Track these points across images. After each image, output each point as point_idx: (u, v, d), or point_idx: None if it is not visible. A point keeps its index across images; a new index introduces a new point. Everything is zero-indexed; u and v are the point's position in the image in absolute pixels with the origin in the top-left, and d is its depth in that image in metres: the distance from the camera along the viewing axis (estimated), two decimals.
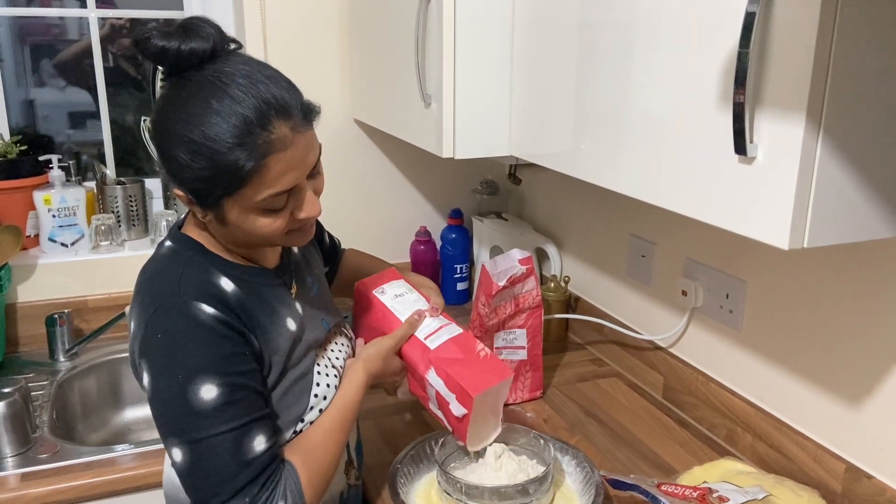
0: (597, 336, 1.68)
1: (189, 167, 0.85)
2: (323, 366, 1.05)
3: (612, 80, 1.00)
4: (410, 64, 1.35)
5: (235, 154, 0.83)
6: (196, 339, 0.88)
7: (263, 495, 0.89)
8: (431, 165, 1.99)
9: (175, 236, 0.99)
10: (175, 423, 0.88)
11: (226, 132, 0.83)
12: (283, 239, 0.95)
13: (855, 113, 0.72)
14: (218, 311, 0.90)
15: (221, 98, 0.84)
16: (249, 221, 0.90)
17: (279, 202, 0.90)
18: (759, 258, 1.24)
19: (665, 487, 1.06)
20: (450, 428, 1.12)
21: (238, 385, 0.89)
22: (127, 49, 1.91)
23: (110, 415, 1.71)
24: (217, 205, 0.89)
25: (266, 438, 0.90)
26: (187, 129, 0.84)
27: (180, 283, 0.91)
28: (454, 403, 1.07)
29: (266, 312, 0.98)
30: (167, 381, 0.87)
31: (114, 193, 1.84)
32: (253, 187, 0.86)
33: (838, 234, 0.76)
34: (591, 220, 1.71)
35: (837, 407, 1.11)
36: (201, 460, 0.87)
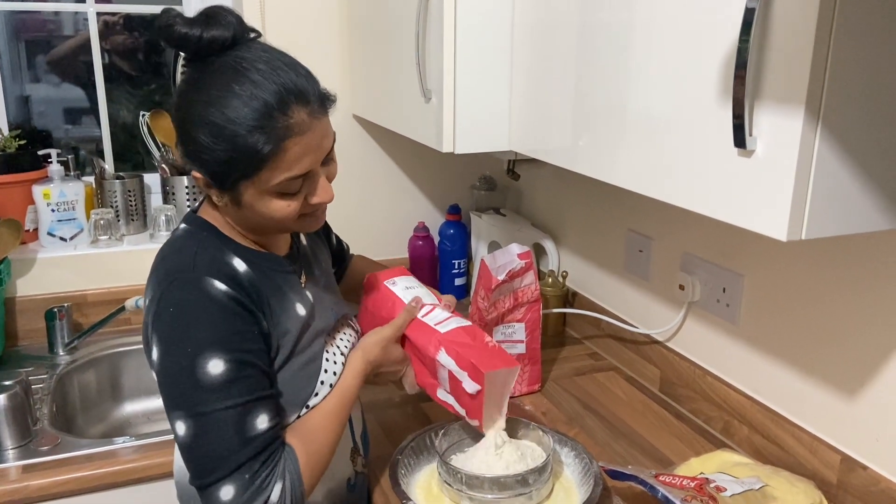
0: (594, 330, 1.70)
1: (209, 149, 0.88)
2: (331, 353, 1.07)
3: (611, 74, 1.01)
4: (411, 59, 1.35)
5: (255, 137, 0.86)
6: (207, 314, 0.90)
7: (263, 473, 0.90)
8: (430, 161, 2.00)
9: (191, 219, 1.01)
10: (181, 395, 0.89)
11: (246, 115, 0.86)
12: (295, 223, 0.96)
13: (853, 106, 0.73)
14: (230, 289, 0.92)
15: (243, 83, 0.86)
16: (265, 204, 0.92)
17: (294, 186, 0.92)
18: (755, 252, 1.25)
19: (663, 478, 1.07)
20: (462, 411, 1.12)
21: (245, 362, 0.91)
22: (120, 45, 1.92)
23: (110, 408, 1.72)
24: (234, 187, 0.91)
25: (269, 418, 0.92)
26: (209, 112, 0.87)
27: (195, 261, 0.93)
28: (467, 381, 1.08)
29: (276, 295, 0.99)
30: (176, 354, 0.89)
31: (113, 188, 1.84)
32: (270, 170, 0.89)
33: (836, 225, 0.77)
34: (589, 216, 1.72)
35: (833, 399, 1.13)
36: (204, 434, 0.89)
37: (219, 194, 0.94)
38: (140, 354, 1.73)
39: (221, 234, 0.99)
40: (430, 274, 2.00)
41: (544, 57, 1.18)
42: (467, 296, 1.99)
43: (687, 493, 1.03)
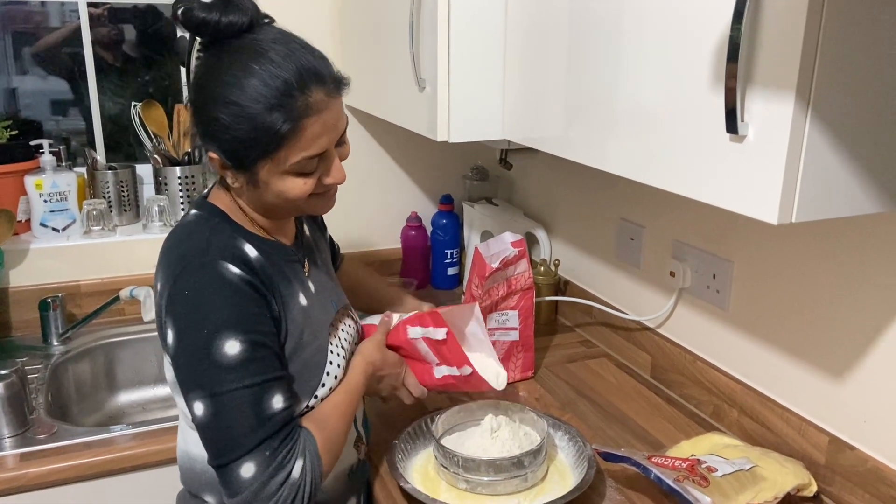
0: (586, 318, 1.72)
1: (229, 128, 0.90)
2: (335, 345, 1.09)
3: (603, 62, 1.02)
4: (404, 48, 1.36)
5: (275, 115, 0.89)
6: (222, 296, 0.91)
7: (283, 450, 0.91)
8: (422, 152, 2.01)
9: (201, 205, 1.02)
10: (199, 376, 0.91)
11: (267, 94, 0.89)
12: (307, 204, 0.98)
13: (842, 91, 0.75)
14: (243, 272, 0.93)
15: (262, 63, 0.89)
16: (281, 183, 0.95)
17: (311, 166, 0.95)
18: (744, 239, 1.27)
19: (655, 459, 1.10)
20: (459, 371, 1.16)
21: (259, 343, 0.92)
22: (105, 36, 1.91)
23: (104, 398, 1.72)
24: (252, 167, 0.93)
25: (283, 398, 0.93)
26: (229, 92, 0.89)
27: (208, 245, 0.95)
28: (435, 333, 1.14)
29: (284, 282, 1.01)
30: (192, 335, 0.91)
31: (105, 179, 1.84)
32: (288, 149, 0.92)
33: (825, 209, 0.79)
34: (581, 205, 1.74)
35: (821, 381, 1.15)
36: (223, 414, 0.90)
37: (235, 175, 0.96)
38: (134, 344, 1.75)
39: (232, 220, 1.00)
40: (422, 264, 2.01)
41: (537, 45, 1.19)
42: (460, 285, 2.01)
43: (679, 473, 1.05)
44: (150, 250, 1.81)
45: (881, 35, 0.75)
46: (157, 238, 1.81)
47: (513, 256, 1.40)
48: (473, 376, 1.16)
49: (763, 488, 1.06)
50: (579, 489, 1.07)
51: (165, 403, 1.77)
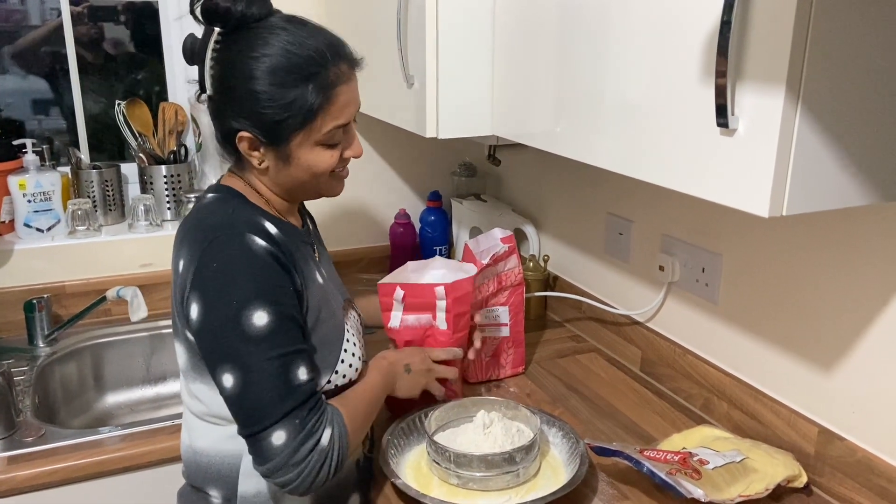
0: (575, 313, 1.72)
1: (268, 102, 0.95)
2: (349, 324, 1.12)
3: (593, 56, 1.02)
4: (392, 45, 1.36)
5: (311, 85, 0.95)
6: (250, 268, 0.94)
7: (312, 419, 0.94)
8: (410, 148, 2.01)
9: (217, 188, 1.06)
10: (227, 348, 0.93)
11: (301, 65, 0.95)
12: (327, 183, 1.05)
13: (832, 84, 0.75)
14: (269, 245, 0.96)
15: (291, 39, 0.96)
16: (313, 156, 1.00)
17: (338, 136, 1.01)
18: (733, 232, 1.28)
19: (647, 453, 1.10)
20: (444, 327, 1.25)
21: (286, 315, 0.95)
22: (85, 35, 1.89)
23: (92, 400, 1.70)
24: (287, 140, 0.98)
25: (308, 370, 0.96)
26: (265, 67, 0.94)
27: (233, 219, 0.98)
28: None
29: (302, 260, 1.05)
30: (221, 307, 0.93)
31: (89, 178, 1.82)
32: (323, 118, 0.98)
33: (815, 202, 0.79)
34: (570, 200, 1.74)
35: (810, 373, 1.16)
36: (253, 384, 0.92)
37: (264, 154, 1.00)
38: (122, 344, 1.73)
39: (249, 201, 1.04)
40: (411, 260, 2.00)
41: (525, 40, 1.19)
42: None
43: (671, 466, 1.06)
44: (137, 250, 1.80)
45: (870, 28, 0.75)
46: (144, 237, 1.80)
47: (503, 252, 1.40)
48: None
49: (754, 480, 1.07)
50: (571, 484, 1.07)
51: (154, 404, 1.76)
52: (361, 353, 1.12)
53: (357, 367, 1.10)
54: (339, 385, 1.06)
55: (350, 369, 1.08)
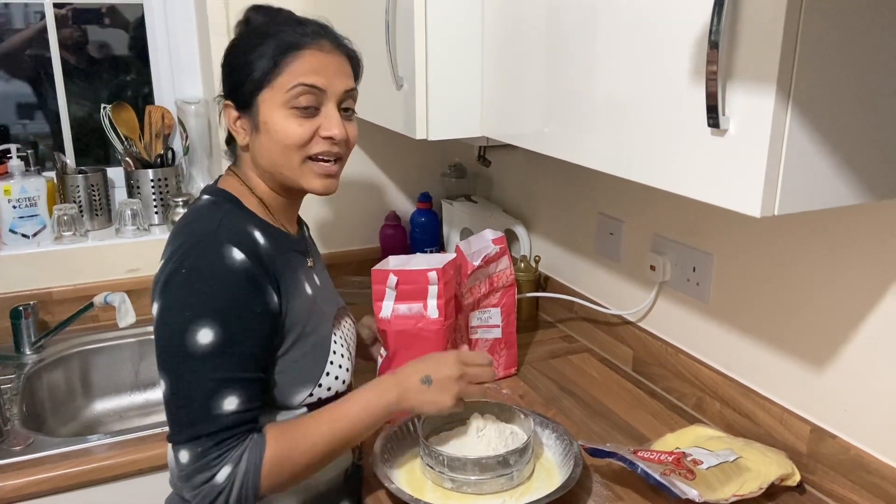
0: (567, 313, 1.72)
1: (234, 60, 1.00)
2: (339, 337, 1.10)
3: (583, 57, 1.02)
4: (380, 46, 1.35)
5: (276, 40, 0.98)
6: (216, 283, 0.92)
7: (214, 453, 0.91)
8: (399, 150, 2.00)
9: (212, 190, 1.05)
10: (167, 355, 0.93)
11: (268, 25, 1.00)
12: (301, 168, 1.01)
13: (822, 83, 0.75)
14: (248, 259, 0.94)
15: (271, 16, 1.04)
16: (281, 121, 0.98)
17: (307, 101, 0.98)
18: (724, 231, 1.28)
19: (641, 454, 1.10)
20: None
21: (235, 339, 0.92)
22: (68, 38, 1.87)
23: (80, 407, 1.69)
24: (253, 100, 0.99)
25: (239, 402, 0.92)
26: (240, 35, 1.03)
27: (219, 226, 0.96)
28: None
29: (289, 272, 1.03)
30: (173, 314, 0.92)
31: (75, 183, 1.81)
32: (286, 74, 0.97)
33: (807, 201, 0.79)
34: (560, 201, 1.74)
35: (802, 371, 1.16)
36: (176, 398, 0.93)
37: (243, 124, 1.01)
38: (110, 351, 1.72)
39: (243, 206, 1.03)
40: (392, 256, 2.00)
41: (514, 40, 1.19)
42: None
43: (665, 467, 1.06)
44: (124, 255, 1.78)
45: (861, 27, 0.75)
46: (131, 242, 1.78)
47: (494, 254, 1.40)
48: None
49: (748, 479, 1.07)
50: (565, 487, 1.06)
51: (143, 411, 1.74)
52: (350, 366, 1.10)
53: (345, 380, 1.08)
54: (322, 398, 1.04)
55: (337, 382, 1.06)
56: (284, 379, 1.01)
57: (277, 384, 1.01)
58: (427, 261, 1.29)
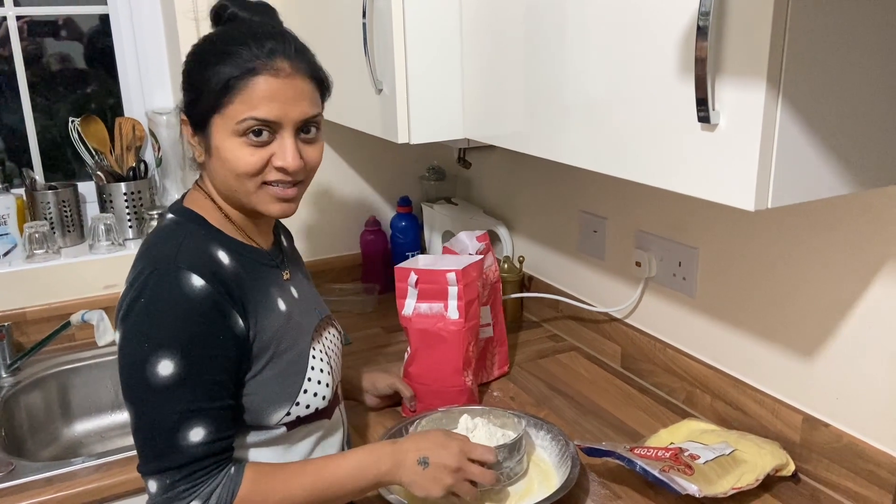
0: (553, 313, 1.72)
1: (188, 76, 0.96)
2: (318, 351, 1.06)
3: (567, 55, 1.01)
4: (358, 51, 1.33)
5: (229, 64, 0.91)
6: (174, 313, 0.90)
7: (183, 485, 0.90)
8: (377, 155, 1.98)
9: (177, 209, 1.01)
10: (130, 386, 0.91)
11: (223, 44, 0.93)
12: (256, 193, 0.96)
13: (811, 76, 0.75)
14: (208, 285, 0.91)
15: (235, 27, 0.97)
16: (231, 149, 0.93)
17: (259, 134, 0.93)
18: (708, 225, 1.29)
19: (638, 451, 1.10)
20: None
21: (198, 370, 0.90)
22: (23, 51, 1.82)
23: (60, 429, 1.64)
24: (206, 124, 0.94)
25: (206, 433, 0.90)
26: (203, 45, 0.96)
27: (178, 251, 0.93)
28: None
29: (258, 290, 0.99)
30: (133, 345, 0.90)
31: (45, 199, 1.76)
32: (238, 103, 0.91)
33: (799, 193, 0.79)
34: (542, 200, 1.74)
35: (791, 361, 1.17)
36: (142, 429, 0.91)
37: (199, 142, 0.97)
38: (89, 370, 1.68)
39: (209, 224, 0.99)
40: (383, 268, 1.98)
41: (494, 40, 1.18)
42: None
43: (664, 463, 1.06)
44: (99, 271, 1.74)
45: (848, 18, 0.76)
46: (106, 258, 1.74)
47: (481, 251, 1.41)
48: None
49: (745, 471, 1.07)
50: (565, 488, 1.06)
51: (124, 430, 1.70)
52: (331, 381, 1.06)
53: (325, 395, 1.04)
54: (301, 416, 1.02)
55: (316, 399, 1.03)
56: (257, 400, 0.98)
57: (251, 405, 0.98)
58: (453, 262, 1.31)
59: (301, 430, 1.04)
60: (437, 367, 1.30)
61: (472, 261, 1.32)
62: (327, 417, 1.08)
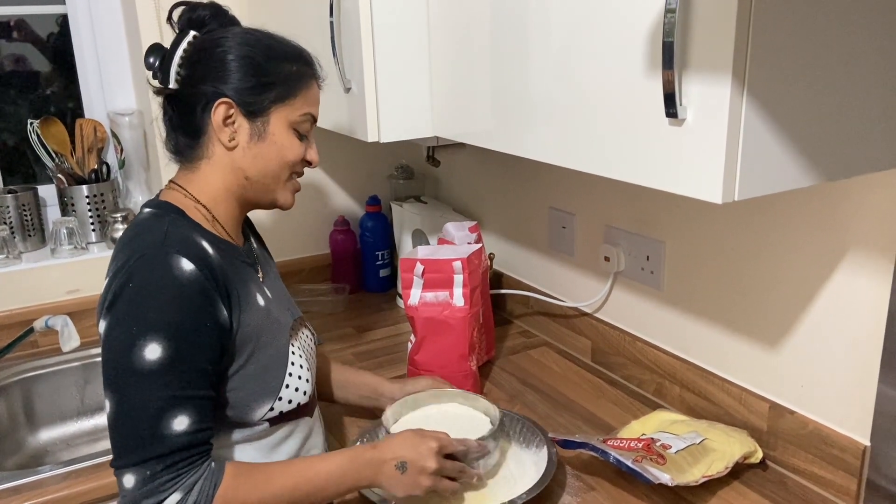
0: (524, 309, 1.73)
1: (259, 68, 0.99)
2: (296, 346, 1.07)
3: (534, 51, 1.02)
4: (326, 50, 1.33)
5: (296, 66, 1.03)
6: (164, 297, 0.89)
7: (164, 476, 0.87)
8: (344, 154, 1.98)
9: (155, 203, 1.01)
10: (113, 373, 0.89)
11: (288, 51, 1.03)
12: (285, 186, 1.06)
13: (775, 70, 0.77)
14: (197, 269, 0.91)
15: (275, 35, 1.04)
16: (285, 136, 1.02)
17: (306, 128, 1.05)
18: (674, 219, 1.31)
19: (612, 442, 1.12)
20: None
21: (185, 357, 0.89)
22: None
23: (24, 437, 1.61)
24: (266, 111, 1.00)
25: (190, 422, 0.89)
26: (256, 42, 1.00)
27: (166, 236, 0.93)
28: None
29: (240, 283, 1.00)
30: (121, 330, 0.88)
31: (4, 203, 1.72)
32: (301, 99, 1.03)
33: (765, 185, 0.81)
34: (511, 197, 1.75)
35: (757, 351, 1.20)
36: (122, 418, 0.88)
37: (238, 127, 0.99)
38: (53, 377, 1.64)
39: (188, 217, 0.99)
40: (353, 268, 1.98)
41: (461, 38, 1.18)
42: (392, 287, 1.98)
43: (636, 453, 1.07)
44: (62, 276, 1.70)
45: (811, 15, 0.78)
46: (68, 262, 1.71)
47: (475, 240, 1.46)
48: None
49: (715, 460, 1.10)
50: (542, 482, 1.07)
51: (91, 437, 1.67)
52: (310, 376, 1.08)
53: (305, 391, 1.05)
54: (284, 412, 1.02)
55: (297, 393, 1.04)
56: (241, 395, 0.98)
57: (234, 401, 0.98)
58: (455, 251, 1.36)
59: (283, 429, 1.04)
60: (444, 354, 1.34)
61: (474, 249, 1.37)
62: (308, 415, 1.09)
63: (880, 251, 1.00)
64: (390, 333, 1.73)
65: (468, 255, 1.34)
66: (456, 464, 1.03)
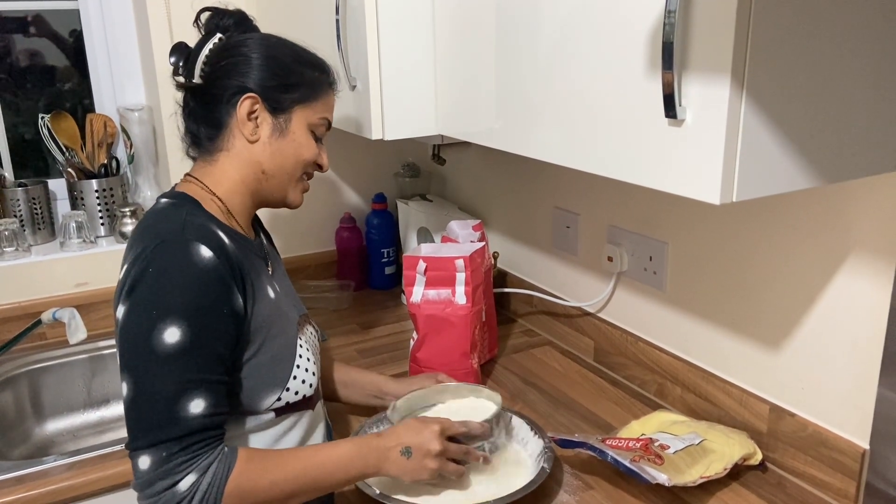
0: (527, 308, 1.73)
1: (286, 68, 1.04)
2: (303, 339, 1.09)
3: (535, 52, 1.02)
4: (332, 48, 1.33)
5: (319, 71, 1.08)
6: (184, 282, 0.91)
7: (180, 458, 0.89)
8: (352, 152, 1.99)
9: (172, 194, 1.04)
10: (132, 356, 0.90)
11: (314, 59, 1.09)
12: (297, 185, 1.10)
13: (775, 72, 0.77)
14: (215, 257, 0.93)
15: (297, 44, 1.10)
16: (304, 136, 1.07)
17: (322, 132, 1.10)
18: (678, 220, 1.31)
19: (610, 442, 1.12)
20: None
21: (203, 341, 0.91)
22: None
23: (32, 428, 1.62)
24: (290, 109, 1.05)
25: (206, 405, 0.91)
26: (284, 45, 1.07)
27: (184, 225, 0.95)
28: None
29: (254, 274, 1.02)
30: (140, 314, 0.90)
31: (15, 196, 1.74)
32: (322, 102, 1.08)
33: (763, 187, 0.81)
34: (516, 197, 1.75)
35: (759, 353, 1.20)
36: (140, 400, 0.89)
37: (261, 122, 1.03)
38: (60, 369, 1.66)
39: (204, 208, 1.01)
40: (358, 265, 1.99)
41: (466, 37, 1.19)
42: (398, 285, 1.99)
43: (634, 453, 1.08)
44: (71, 269, 1.72)
45: (810, 16, 0.78)
46: (77, 255, 1.73)
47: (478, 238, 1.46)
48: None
49: (713, 461, 1.10)
50: (538, 479, 1.07)
51: (97, 429, 1.69)
52: (316, 369, 1.10)
53: (311, 383, 1.08)
54: (290, 402, 1.04)
55: (303, 385, 1.06)
56: (251, 384, 1.00)
57: (245, 389, 1.00)
58: (458, 249, 1.37)
59: (287, 420, 1.06)
60: (446, 352, 1.35)
61: (477, 247, 1.38)
62: (311, 408, 1.11)
63: (882, 254, 1.00)
64: (394, 330, 1.73)
65: (471, 253, 1.35)
66: (461, 446, 1.05)
